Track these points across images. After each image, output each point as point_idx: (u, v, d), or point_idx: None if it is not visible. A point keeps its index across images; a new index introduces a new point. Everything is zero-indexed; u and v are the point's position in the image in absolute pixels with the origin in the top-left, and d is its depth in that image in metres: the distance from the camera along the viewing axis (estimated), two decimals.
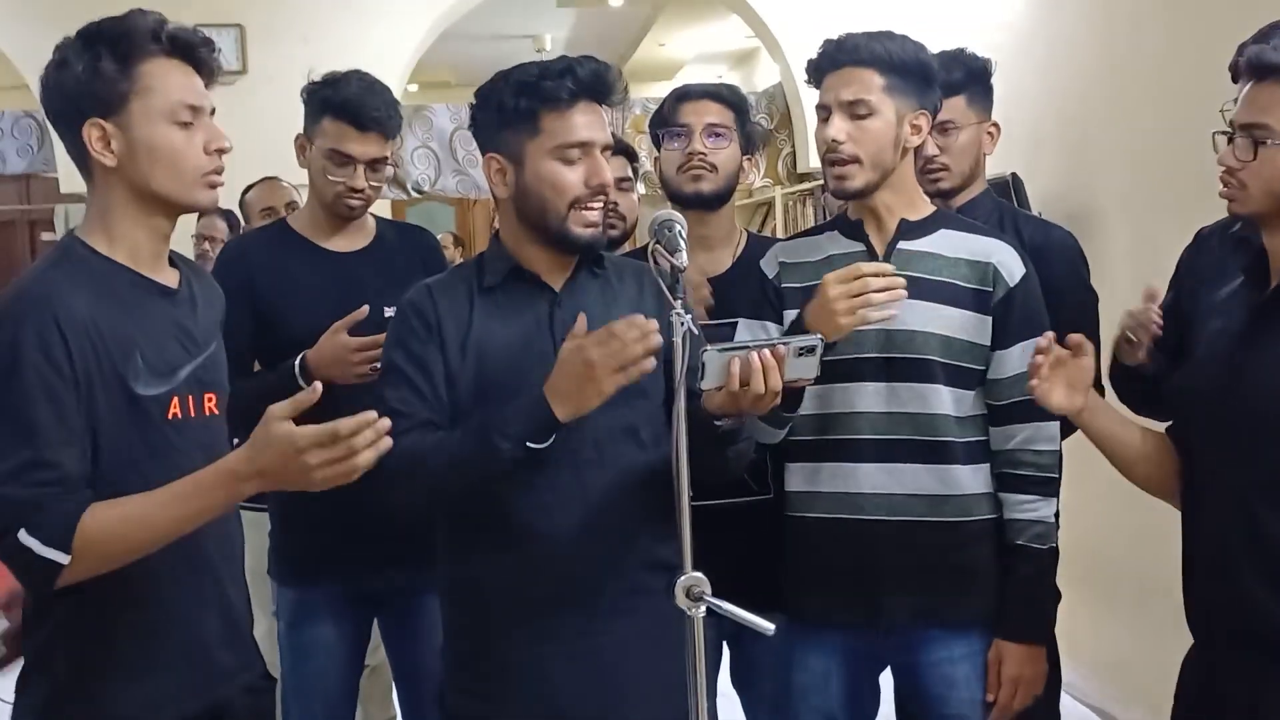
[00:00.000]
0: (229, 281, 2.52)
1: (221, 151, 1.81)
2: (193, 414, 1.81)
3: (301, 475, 1.60)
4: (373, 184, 2.61)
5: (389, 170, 2.76)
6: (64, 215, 8.43)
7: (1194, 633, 1.98)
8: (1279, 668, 1.82)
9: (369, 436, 1.60)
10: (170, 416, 1.77)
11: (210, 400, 1.85)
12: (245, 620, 1.96)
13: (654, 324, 1.83)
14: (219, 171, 1.82)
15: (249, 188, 4.20)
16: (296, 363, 2.48)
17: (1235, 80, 1.86)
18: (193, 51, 1.80)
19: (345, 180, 2.57)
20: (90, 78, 1.74)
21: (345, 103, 2.53)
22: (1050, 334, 2.01)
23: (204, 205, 1.82)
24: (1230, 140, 1.84)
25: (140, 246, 1.80)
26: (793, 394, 2.06)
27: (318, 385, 1.67)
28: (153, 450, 1.75)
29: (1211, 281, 2.06)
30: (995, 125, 2.78)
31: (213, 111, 1.83)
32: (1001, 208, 2.81)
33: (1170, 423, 2.10)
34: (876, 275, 2.03)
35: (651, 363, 1.84)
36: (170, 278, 1.86)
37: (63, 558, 1.61)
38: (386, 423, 1.63)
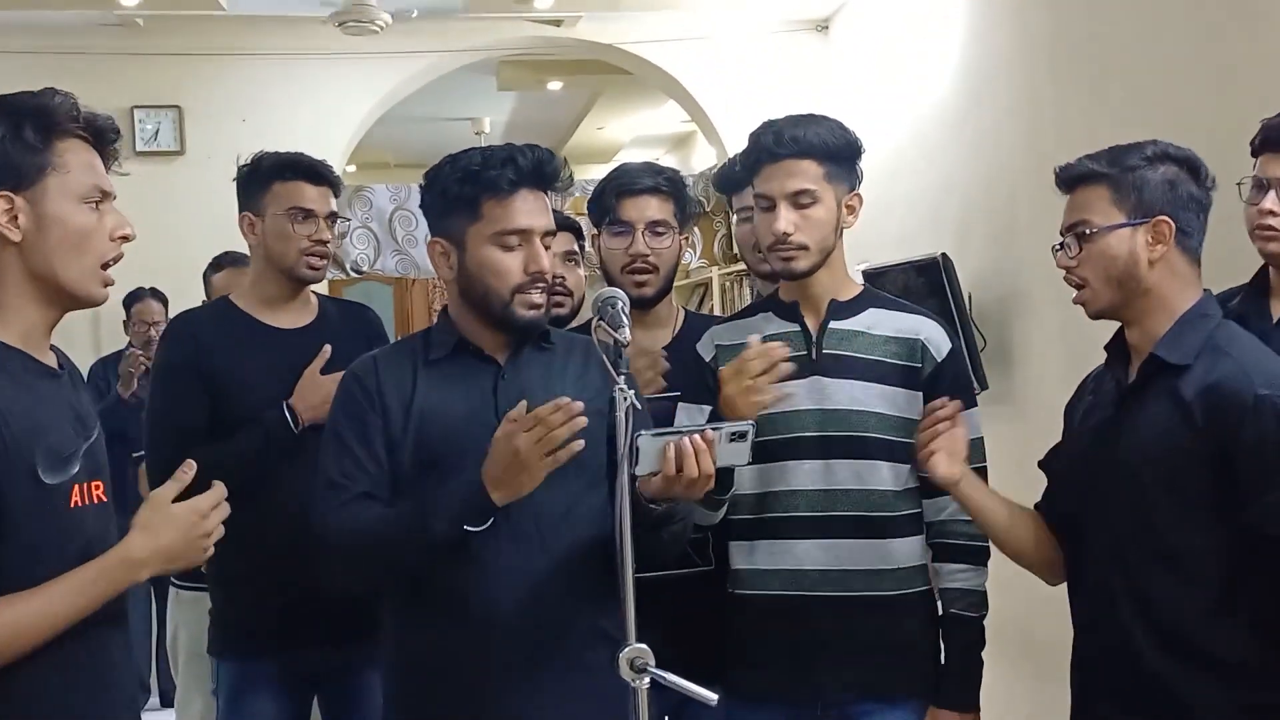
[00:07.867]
0: (178, 356, 2.51)
1: (125, 239, 1.76)
2: (86, 502, 1.72)
3: (200, 545, 1.72)
4: (329, 237, 2.70)
5: (338, 228, 2.83)
6: None
7: (1076, 693, 2.05)
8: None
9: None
10: (73, 505, 1.69)
11: (98, 489, 1.76)
12: (125, 684, 1.85)
13: (579, 405, 1.83)
14: (117, 260, 1.76)
15: (217, 268, 4.00)
16: (285, 409, 2.53)
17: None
18: (103, 136, 1.76)
19: (310, 234, 2.63)
20: (11, 148, 1.67)
21: (294, 162, 2.65)
22: (935, 404, 2.11)
23: (97, 301, 1.76)
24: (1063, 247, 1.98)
25: (32, 329, 1.72)
26: (724, 475, 2.09)
27: (191, 463, 1.76)
28: (62, 541, 1.67)
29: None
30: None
31: (113, 198, 1.77)
32: None
33: (1039, 500, 2.16)
34: (757, 358, 2.08)
35: (580, 444, 1.84)
36: (52, 360, 1.78)
37: None
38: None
